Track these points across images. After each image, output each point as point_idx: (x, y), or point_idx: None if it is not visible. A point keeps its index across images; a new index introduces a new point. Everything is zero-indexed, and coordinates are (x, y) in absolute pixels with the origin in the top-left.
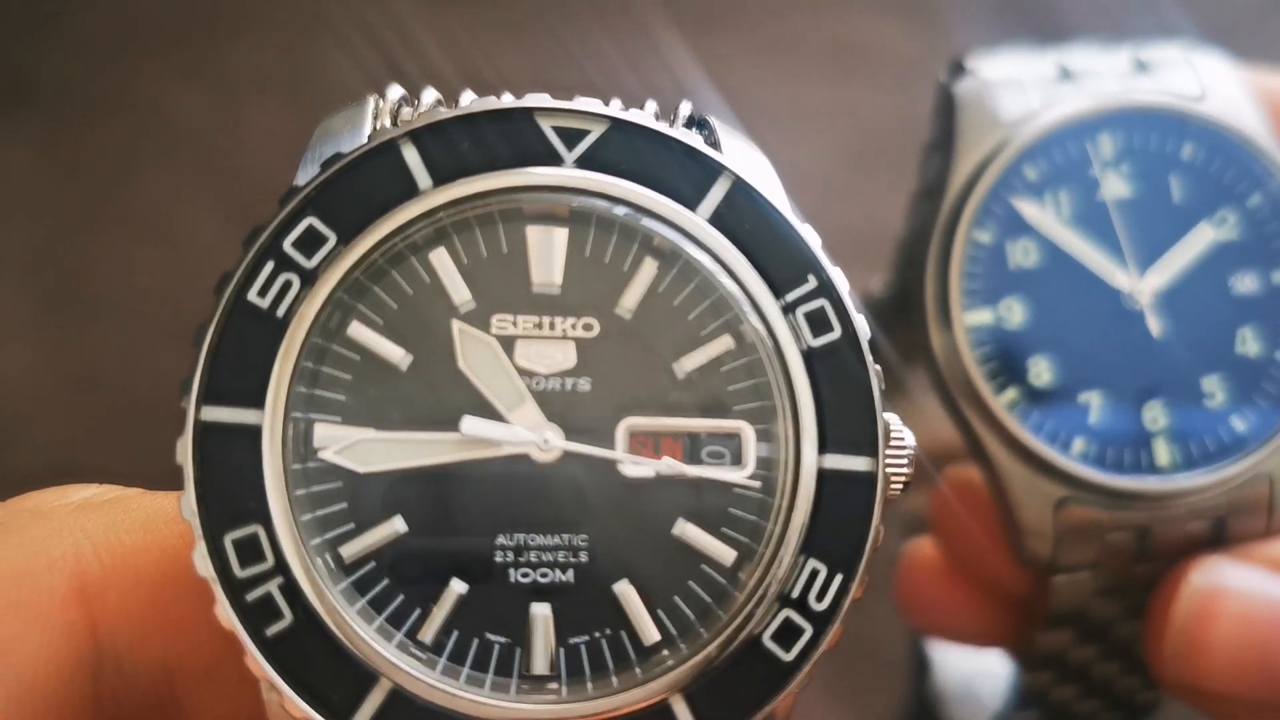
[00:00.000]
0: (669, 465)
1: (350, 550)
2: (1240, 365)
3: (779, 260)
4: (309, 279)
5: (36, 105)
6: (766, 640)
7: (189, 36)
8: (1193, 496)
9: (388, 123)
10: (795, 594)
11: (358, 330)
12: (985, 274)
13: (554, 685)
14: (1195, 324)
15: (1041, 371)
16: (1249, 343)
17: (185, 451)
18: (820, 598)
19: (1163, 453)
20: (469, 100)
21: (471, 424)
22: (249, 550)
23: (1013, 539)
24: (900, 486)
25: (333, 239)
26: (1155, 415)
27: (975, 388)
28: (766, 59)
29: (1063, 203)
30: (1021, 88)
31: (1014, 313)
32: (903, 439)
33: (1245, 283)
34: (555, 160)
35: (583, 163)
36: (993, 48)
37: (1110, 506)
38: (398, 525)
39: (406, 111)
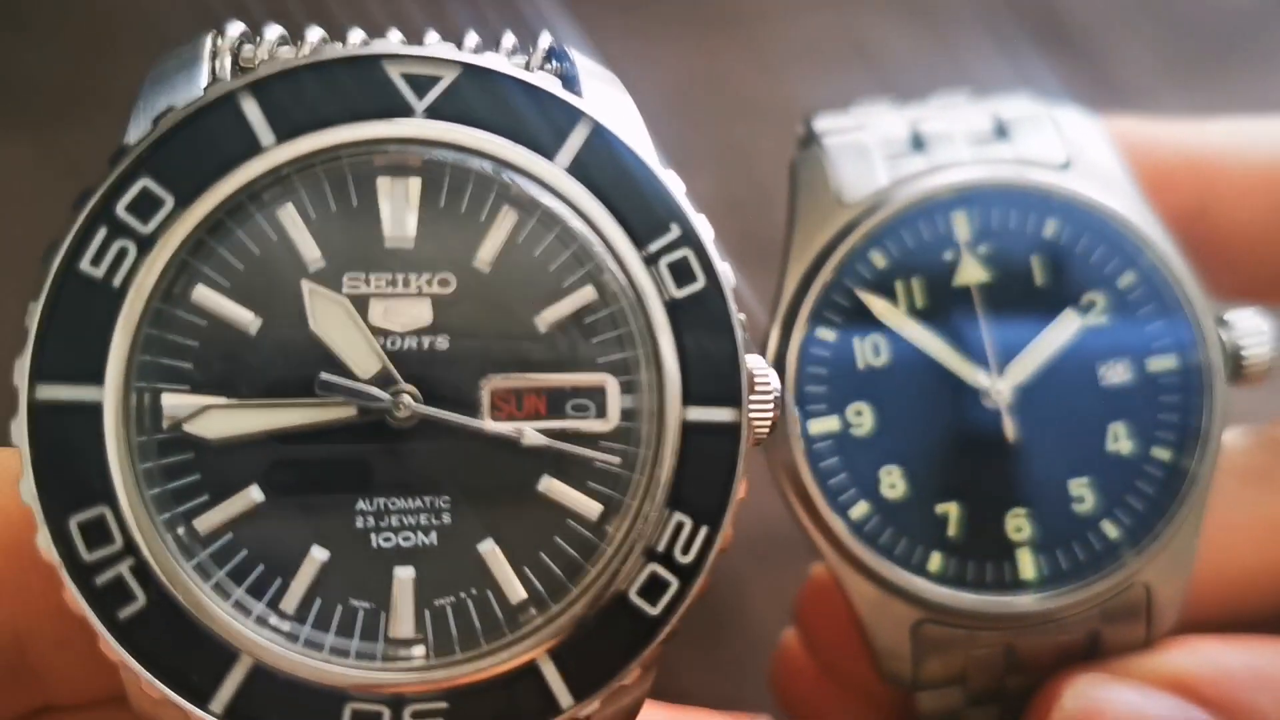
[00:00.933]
0: (531, 436)
1: (206, 523)
2: (1111, 465)
3: (641, 209)
4: (146, 245)
5: (38, 106)
6: (633, 596)
7: (187, 35)
8: (1063, 614)
9: (227, 65)
10: (661, 548)
11: (203, 294)
12: (831, 376)
13: (420, 649)
14: (1061, 422)
15: (895, 483)
16: (1121, 440)
17: (20, 433)
18: (686, 551)
19: (1028, 566)
20: (315, 38)
21: (330, 375)
22: (96, 532)
23: (871, 656)
24: (765, 431)
25: (170, 201)
26: (1019, 525)
27: (817, 509)
28: (767, 59)
29: (915, 293)
30: (868, 160)
31: (863, 419)
32: (767, 383)
33: (1116, 372)
34: (405, 111)
35: (433, 112)
36: (844, 106)
37: (972, 627)
38: (254, 495)
39: (248, 50)
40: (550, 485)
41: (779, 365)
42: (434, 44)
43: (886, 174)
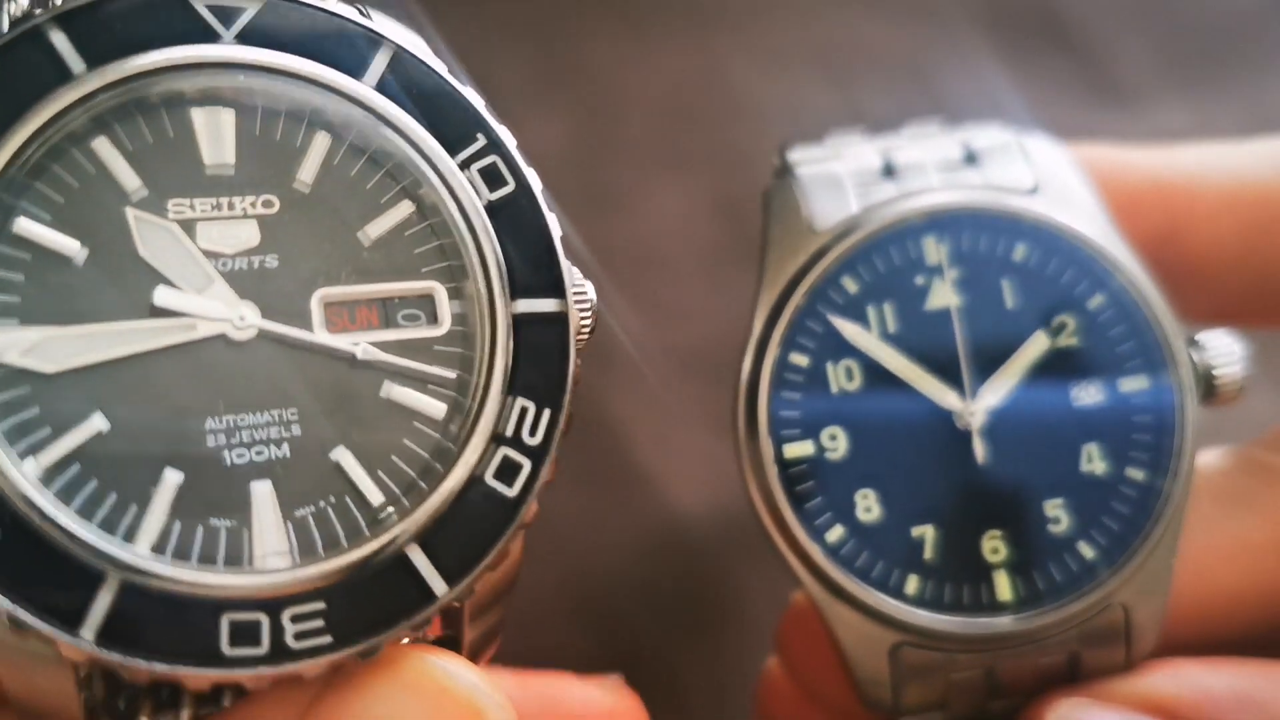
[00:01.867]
0: (366, 351)
1: (50, 455)
2: (1086, 485)
3: (448, 122)
4: None
5: None
6: (489, 479)
7: None
8: (1040, 635)
9: (21, 6)
10: (509, 432)
11: (25, 226)
12: (804, 401)
13: (287, 559)
14: (1035, 443)
15: (870, 506)
16: (1095, 460)
17: None
18: (533, 433)
19: (1005, 587)
20: None
21: (165, 295)
22: None
23: (852, 682)
24: (587, 333)
25: None
26: (995, 546)
27: (793, 533)
28: (767, 59)
29: (887, 317)
30: (840, 188)
31: (838, 443)
32: (584, 290)
33: (1089, 393)
34: (214, 38)
35: (243, 39)
36: (818, 138)
37: (951, 650)
38: (98, 423)
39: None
40: (392, 391)
41: (751, 390)
42: None
43: (858, 202)
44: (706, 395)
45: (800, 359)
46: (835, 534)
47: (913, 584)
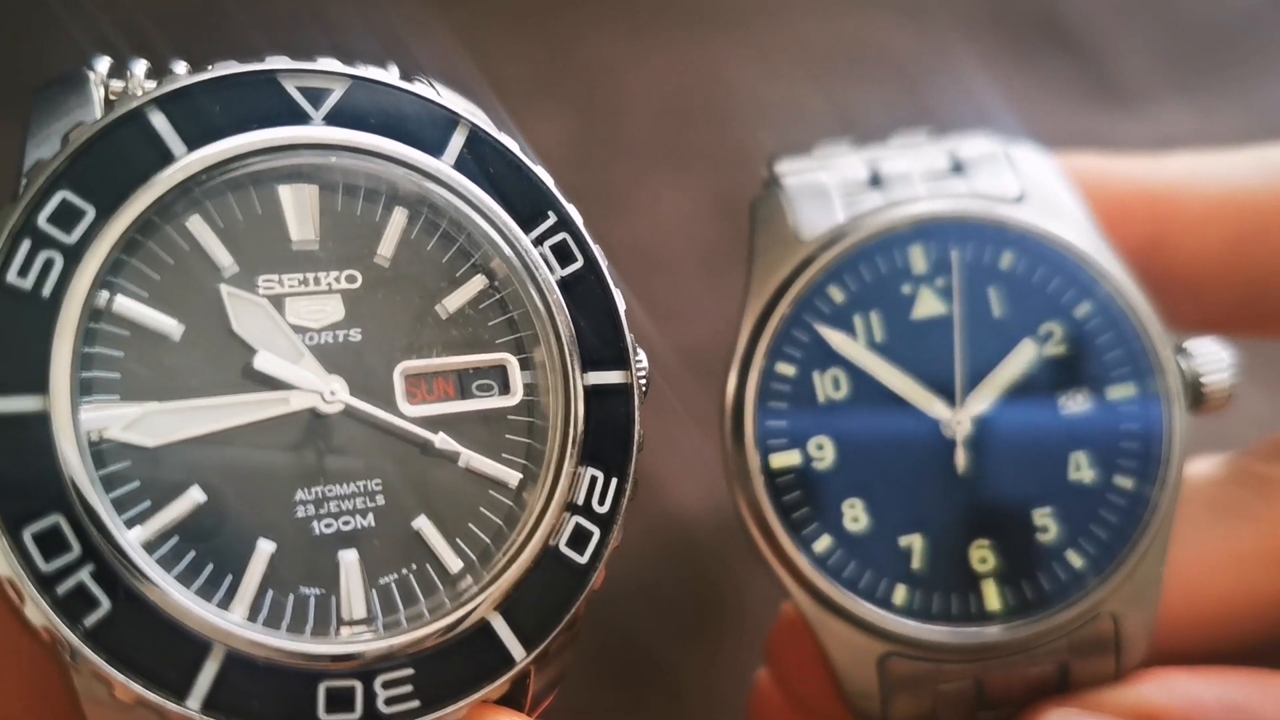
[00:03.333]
0: (442, 441)
1: (153, 526)
2: (1075, 494)
3: (521, 199)
4: (72, 255)
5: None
6: (563, 547)
7: (187, 40)
8: (1029, 645)
9: (114, 88)
10: (580, 501)
11: (124, 304)
12: (791, 411)
13: (372, 626)
14: (1023, 452)
15: (857, 515)
16: (1083, 469)
17: None
18: (601, 501)
19: (993, 597)
20: (182, 71)
21: (266, 360)
22: (52, 541)
23: (841, 693)
24: (644, 392)
25: (91, 212)
26: (983, 556)
27: (780, 544)
28: (767, 59)
29: (874, 326)
30: (826, 198)
31: (825, 452)
32: (641, 360)
33: (1077, 401)
34: (303, 119)
35: (331, 119)
36: (805, 149)
37: (939, 660)
38: (196, 495)
39: (116, 85)
40: (471, 460)
41: (737, 401)
42: (323, 60)
43: (844, 211)
44: (707, 395)
45: (787, 369)
46: (823, 544)
47: (901, 594)
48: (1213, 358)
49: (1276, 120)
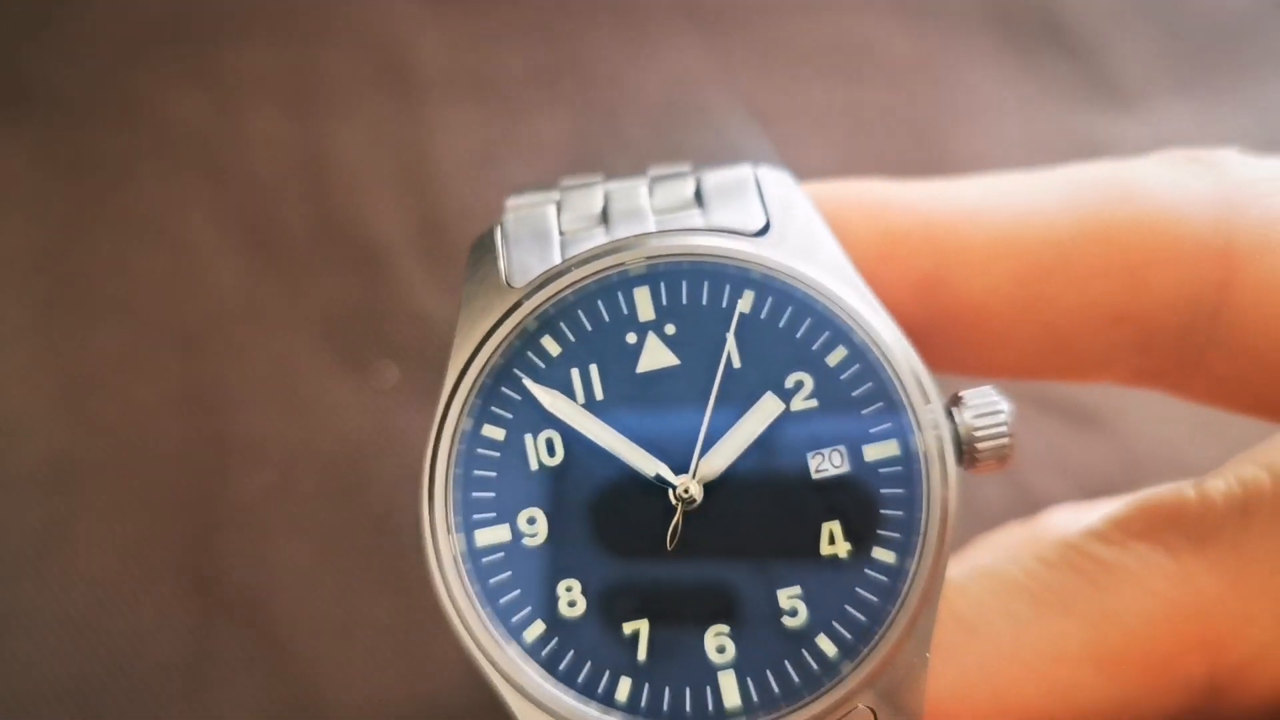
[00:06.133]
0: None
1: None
2: (827, 571)
3: None
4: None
5: (37, 108)
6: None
7: (189, 40)
8: None
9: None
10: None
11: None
12: (499, 480)
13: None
14: (766, 523)
15: (574, 599)
16: (837, 541)
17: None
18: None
19: (732, 691)
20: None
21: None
22: None
23: None
24: None
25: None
26: (721, 644)
27: (475, 635)
28: (767, 60)
29: (593, 381)
30: (546, 238)
31: (537, 527)
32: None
33: (831, 463)
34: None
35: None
36: (537, 185)
37: None
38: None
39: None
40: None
41: (432, 469)
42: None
43: (564, 252)
44: None
45: (495, 432)
46: (534, 631)
47: (624, 689)
48: (987, 409)
49: (1277, 120)
